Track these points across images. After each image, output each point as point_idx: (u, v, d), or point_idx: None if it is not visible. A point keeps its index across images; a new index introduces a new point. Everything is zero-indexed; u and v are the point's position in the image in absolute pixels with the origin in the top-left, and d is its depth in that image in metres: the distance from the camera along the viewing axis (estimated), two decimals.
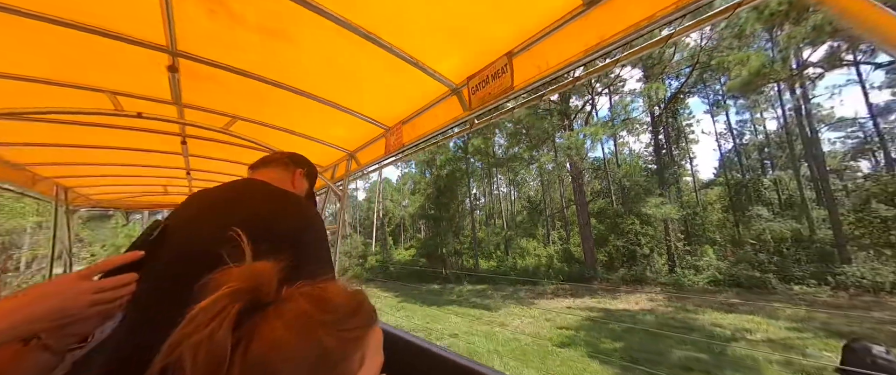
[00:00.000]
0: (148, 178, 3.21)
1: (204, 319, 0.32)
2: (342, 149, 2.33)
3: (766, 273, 12.03)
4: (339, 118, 1.96)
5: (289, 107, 1.87)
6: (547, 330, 8.42)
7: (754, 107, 23.50)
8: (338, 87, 1.72)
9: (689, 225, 19.03)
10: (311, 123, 2.03)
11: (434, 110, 1.61)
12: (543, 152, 18.09)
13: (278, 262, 0.39)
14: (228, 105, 1.76)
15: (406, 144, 1.67)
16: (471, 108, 1.31)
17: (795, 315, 8.58)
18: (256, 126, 1.94)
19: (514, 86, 1.12)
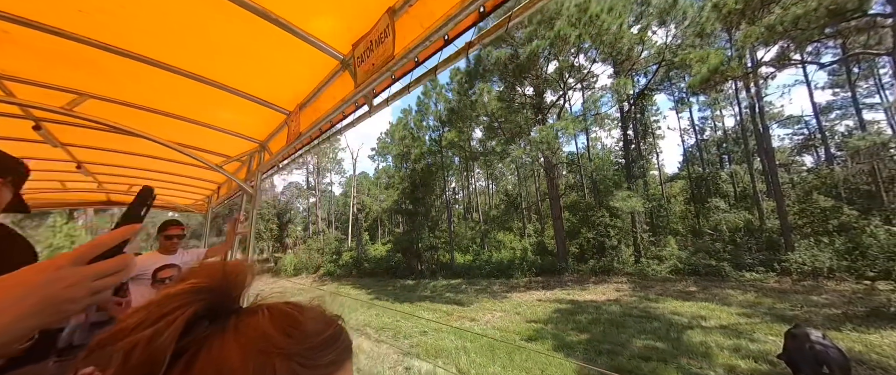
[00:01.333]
0: (37, 172, 2.69)
1: (152, 316, 0.27)
2: (249, 138, 1.99)
3: (722, 261, 12.76)
4: (233, 102, 1.63)
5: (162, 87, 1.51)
6: (516, 324, 8.41)
7: (714, 104, 24.81)
8: (221, 66, 1.40)
9: (655, 217, 19.93)
10: (198, 108, 1.68)
11: (330, 89, 1.34)
12: (518, 146, 18.15)
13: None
14: (63, 77, 1.38)
15: (303, 132, 1.37)
16: (358, 84, 1.05)
17: (746, 301, 9.10)
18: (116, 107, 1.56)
19: (395, 53, 0.86)
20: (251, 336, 0.29)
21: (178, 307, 0.28)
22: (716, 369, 5.20)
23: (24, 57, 1.28)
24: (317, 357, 0.31)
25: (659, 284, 12.24)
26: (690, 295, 10.37)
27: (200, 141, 2.02)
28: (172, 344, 0.26)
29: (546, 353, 6.29)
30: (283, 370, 0.28)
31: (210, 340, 0.28)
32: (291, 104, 1.51)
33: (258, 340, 0.29)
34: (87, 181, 3.17)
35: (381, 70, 0.92)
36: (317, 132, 1.42)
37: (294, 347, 0.29)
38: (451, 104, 22.04)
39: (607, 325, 7.69)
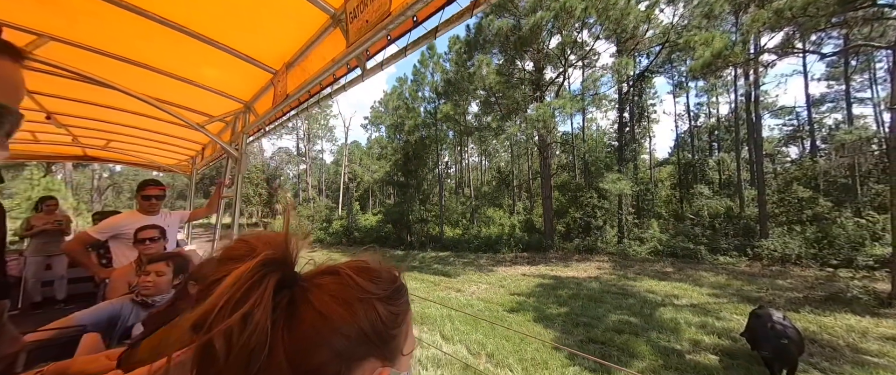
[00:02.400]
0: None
1: (234, 296, 0.27)
2: (234, 98, 1.86)
3: (699, 245, 13.33)
4: (215, 57, 1.50)
5: (135, 34, 1.37)
6: (500, 296, 8.76)
7: (711, 90, 24.69)
8: (200, 15, 1.26)
9: (641, 200, 20.41)
10: (177, 61, 1.54)
11: (319, 47, 1.23)
12: (514, 123, 17.91)
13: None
14: (21, 15, 1.23)
15: (290, 93, 1.28)
16: (350, 42, 0.95)
17: (717, 283, 9.63)
18: (83, 52, 1.42)
19: (392, 9, 0.78)
20: (346, 289, 0.33)
21: (258, 282, 0.29)
22: (682, 342, 5.59)
23: None
24: (398, 299, 0.38)
25: (638, 264, 12.79)
26: (666, 275, 10.90)
27: (180, 97, 1.89)
28: (268, 318, 0.28)
29: (518, 331, 6.61)
30: (382, 310, 0.34)
31: (302, 302, 0.31)
32: (278, 62, 1.39)
33: (355, 290, 0.34)
34: (60, 133, 2.98)
35: (375, 28, 0.83)
36: (305, 95, 1.32)
37: (382, 292, 0.36)
38: (448, 75, 21.32)
39: (586, 300, 8.08)
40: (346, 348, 0.31)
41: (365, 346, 0.32)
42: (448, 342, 5.75)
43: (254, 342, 0.27)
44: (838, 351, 5.23)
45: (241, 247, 0.32)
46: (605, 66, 19.67)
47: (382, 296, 0.35)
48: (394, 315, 0.36)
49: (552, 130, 17.75)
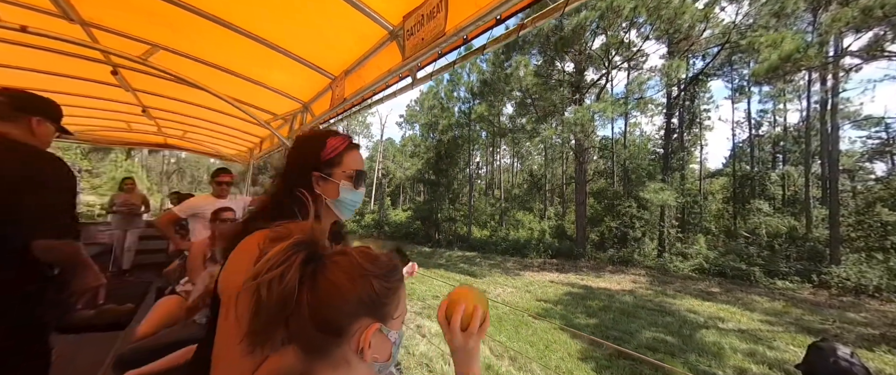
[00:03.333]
0: (102, 112, 3.00)
1: (275, 261, 0.42)
2: (295, 98, 2.10)
3: (753, 266, 12.11)
4: (283, 63, 1.72)
5: (222, 44, 1.61)
6: (526, 301, 8.65)
7: (779, 96, 22.20)
8: (275, 27, 1.48)
9: (687, 213, 18.92)
10: (252, 66, 1.78)
11: (376, 58, 1.37)
12: (549, 126, 17.44)
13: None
14: (143, 29, 1.51)
15: (347, 98, 1.44)
16: (405, 57, 1.08)
17: (772, 309, 8.72)
18: (183, 59, 1.69)
19: (446, 30, 0.88)
20: (351, 266, 0.46)
21: (292, 255, 0.43)
22: (725, 369, 5.16)
23: (107, 6, 1.41)
24: (391, 277, 0.49)
25: (679, 281, 11.92)
26: (711, 295, 10.06)
27: (251, 97, 2.16)
28: (296, 279, 0.42)
29: (554, 325, 6.48)
30: (377, 285, 0.46)
31: (321, 272, 0.44)
32: (337, 69, 1.56)
33: (357, 268, 0.46)
34: (149, 124, 3.50)
35: (430, 45, 0.94)
36: (359, 99, 1.48)
37: (378, 271, 0.47)
38: (484, 76, 21.26)
39: (618, 313, 7.72)
40: (347, 307, 0.44)
41: (362, 308, 0.45)
42: None
43: (286, 292, 0.41)
44: None
45: (283, 231, 0.46)
46: (653, 68, 18.48)
47: (378, 274, 0.47)
48: (387, 289, 0.48)
49: (590, 134, 17.04)
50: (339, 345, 0.44)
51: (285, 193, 0.76)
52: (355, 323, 0.45)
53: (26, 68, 1.95)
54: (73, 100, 2.62)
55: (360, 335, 0.45)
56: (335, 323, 0.43)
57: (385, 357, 0.48)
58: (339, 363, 0.45)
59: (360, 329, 0.45)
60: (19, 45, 1.58)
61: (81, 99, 2.56)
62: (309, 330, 0.42)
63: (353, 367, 0.46)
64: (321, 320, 0.42)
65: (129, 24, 1.50)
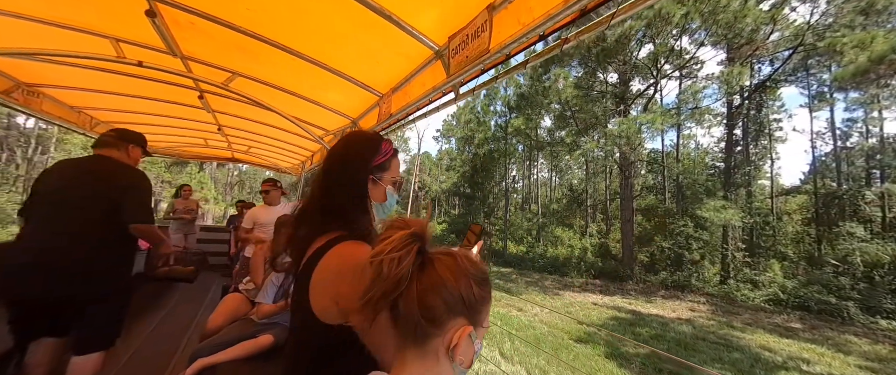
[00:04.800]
0: (187, 130, 3.49)
1: (396, 245, 0.47)
2: (345, 115, 2.28)
3: (846, 299, 10.27)
4: (337, 83, 1.90)
5: (287, 69, 1.83)
6: (566, 323, 8.15)
7: (871, 103, 19.14)
8: (332, 51, 1.65)
9: (756, 234, 16.71)
10: (310, 86, 1.99)
11: (421, 76, 1.46)
12: (590, 139, 16.71)
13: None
14: (226, 59, 1.76)
15: (393, 113, 1.54)
16: (450, 74, 1.14)
17: (873, 353, 7.28)
18: (256, 84, 1.94)
19: (490, 48, 0.93)
20: (455, 265, 0.50)
21: (410, 243, 0.48)
22: None
23: (202, 42, 1.68)
24: (485, 285, 0.52)
25: (749, 312, 10.47)
26: (792, 331, 8.67)
27: (307, 114, 2.41)
28: (411, 264, 0.47)
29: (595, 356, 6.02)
30: (475, 288, 0.50)
31: (430, 265, 0.49)
32: (385, 87, 1.69)
33: (461, 267, 0.50)
34: (221, 141, 4.00)
35: (474, 62, 0.99)
36: (404, 115, 1.59)
37: (478, 276, 0.51)
38: (521, 89, 21.16)
39: (673, 344, 6.96)
40: (450, 301, 0.47)
41: (461, 306, 0.48)
42: (507, 360, 5.59)
43: (401, 274, 0.46)
44: None
45: (401, 222, 0.52)
46: (710, 76, 17.03)
47: (477, 279, 0.50)
48: (481, 295, 0.51)
49: (637, 147, 15.99)
50: (434, 337, 0.48)
51: (342, 196, 0.77)
52: (452, 320, 0.48)
53: (138, 96, 2.37)
54: (167, 122, 3.11)
55: (454, 332, 0.48)
56: (436, 313, 0.47)
57: (468, 362, 0.50)
58: (428, 353, 0.48)
59: (455, 328, 0.48)
60: (134, 76, 1.94)
61: (173, 120, 3.03)
62: (413, 313, 0.46)
63: (440, 362, 0.48)
64: (425, 306, 0.46)
65: (215, 55, 1.77)
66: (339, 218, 0.75)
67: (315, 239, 0.73)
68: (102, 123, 3.06)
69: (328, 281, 0.66)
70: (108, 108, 2.73)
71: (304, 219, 0.79)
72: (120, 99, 2.49)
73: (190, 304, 3.11)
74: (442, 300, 0.47)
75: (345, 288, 0.61)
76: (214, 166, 31.85)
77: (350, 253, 0.68)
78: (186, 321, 2.69)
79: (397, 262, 0.46)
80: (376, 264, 0.47)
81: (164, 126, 3.21)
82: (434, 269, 0.48)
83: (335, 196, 0.77)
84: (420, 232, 0.50)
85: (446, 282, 0.47)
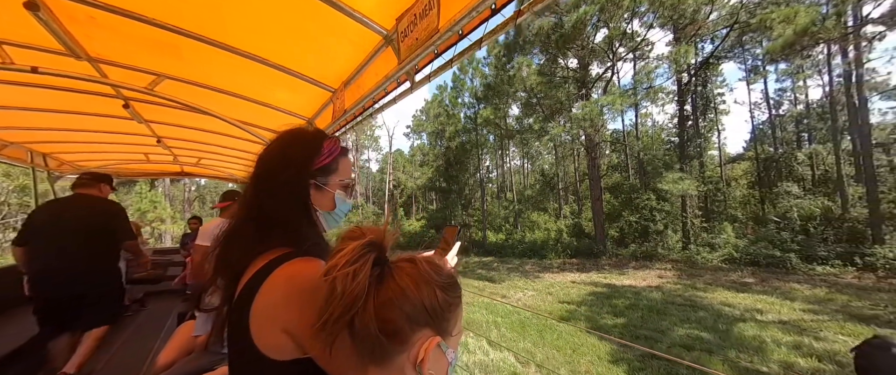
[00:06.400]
0: (119, 145, 3.12)
1: (350, 258, 0.42)
2: (297, 115, 2.11)
3: (788, 252, 11.45)
4: (283, 81, 1.73)
5: (222, 67, 1.64)
6: (548, 304, 8.42)
7: (797, 73, 21.29)
8: (272, 45, 1.49)
9: (710, 201, 18.18)
10: (253, 86, 1.80)
11: (373, 65, 1.35)
12: (557, 124, 17.22)
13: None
14: (145, 60, 1.54)
15: (347, 108, 1.42)
16: (401, 60, 1.04)
17: (814, 297, 8.19)
18: (187, 86, 1.72)
19: (440, 26, 0.85)
20: (417, 272, 0.45)
21: (365, 254, 0.43)
22: (769, 364, 4.83)
23: (114, 41, 1.44)
24: (453, 291, 0.48)
25: (709, 273, 11.39)
26: (746, 286, 9.54)
27: (257, 118, 2.20)
28: (367, 277, 0.42)
29: (578, 332, 6.25)
30: (440, 295, 0.45)
31: (389, 275, 0.44)
32: (336, 82, 1.56)
33: (424, 275, 0.45)
34: (165, 154, 3.61)
35: (425, 44, 0.91)
36: (360, 109, 1.47)
37: (443, 281, 0.46)
38: (487, 79, 21.30)
39: (646, 311, 7.40)
40: (411, 313, 0.43)
41: (424, 317, 0.44)
42: (495, 348, 5.66)
43: (357, 290, 0.41)
44: None
45: (356, 232, 0.47)
46: (660, 57, 18.07)
47: (441, 284, 0.46)
48: (448, 302, 0.46)
49: (600, 129, 16.70)
50: (399, 353, 0.44)
51: (279, 207, 0.65)
52: (417, 332, 0.44)
53: (41, 109, 2.04)
54: (90, 137, 2.73)
55: (420, 345, 0.44)
56: (397, 327, 0.43)
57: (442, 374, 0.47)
58: (393, 372, 0.44)
59: (421, 340, 0.44)
60: (32, 86, 1.64)
61: (99, 134, 2.66)
62: (371, 331, 0.42)
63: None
64: (385, 321, 0.42)
65: (134, 57, 1.54)
66: (280, 233, 0.63)
67: (252, 261, 0.61)
68: (11, 144, 2.62)
69: (275, 310, 0.54)
70: (12, 127, 2.34)
71: (236, 238, 0.65)
72: (24, 115, 2.14)
73: (143, 336, 2.82)
74: (402, 312, 0.42)
75: (297, 315, 0.52)
76: (168, 183, 29.36)
77: (299, 272, 0.57)
78: (141, 354, 2.43)
79: (352, 276, 0.41)
80: (329, 281, 0.42)
81: (89, 142, 2.83)
82: (393, 280, 0.44)
83: (271, 207, 0.65)
84: (377, 241, 0.45)
85: (407, 293, 0.43)
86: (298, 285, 0.55)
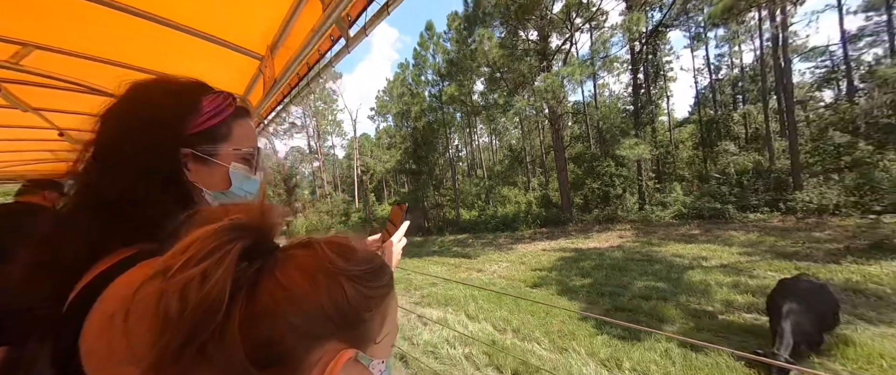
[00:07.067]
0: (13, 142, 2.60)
1: (198, 254, 0.26)
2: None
3: (726, 204, 12.79)
4: (198, 48, 1.45)
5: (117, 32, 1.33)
6: (521, 273, 8.78)
7: (733, 38, 22.97)
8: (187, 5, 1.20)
9: (662, 163, 19.66)
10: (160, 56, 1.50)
11: (299, 20, 1.15)
12: (522, 97, 17.37)
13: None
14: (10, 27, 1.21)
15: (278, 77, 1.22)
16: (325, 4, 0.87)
17: (747, 241, 9.27)
18: (70, 59, 1.39)
19: None
20: (314, 262, 0.31)
21: (224, 243, 0.27)
22: (713, 304, 5.44)
23: None
24: (374, 281, 0.35)
25: (662, 229, 12.46)
26: (693, 237, 10.57)
27: None
28: (228, 280, 0.26)
29: (550, 296, 6.60)
30: (350, 289, 0.32)
31: (267, 273, 0.30)
32: (262, 46, 1.32)
33: (323, 265, 0.31)
34: (74, 149, 3.08)
35: None
36: (294, 77, 1.26)
37: (355, 270, 0.33)
38: (449, 55, 20.75)
39: (609, 270, 7.97)
40: (303, 324, 0.28)
41: (326, 325, 0.30)
42: (473, 320, 5.83)
43: (208, 302, 0.25)
44: (885, 299, 4.96)
45: (218, 213, 0.31)
46: (614, 26, 18.55)
47: (353, 275, 0.33)
48: (365, 297, 0.33)
49: (562, 101, 17.10)
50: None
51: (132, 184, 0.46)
52: (315, 349, 0.29)
53: None
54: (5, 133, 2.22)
55: (322, 368, 0.29)
56: (282, 349, 0.27)
57: None
58: None
59: (323, 359, 0.29)
60: None
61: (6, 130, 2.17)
62: (237, 363, 0.26)
63: None
64: (260, 344, 0.27)
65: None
66: (129, 225, 0.45)
67: (88, 268, 0.42)
68: None
69: (112, 342, 0.34)
70: None
71: (67, 233, 0.45)
72: None
73: None
74: (288, 325, 0.28)
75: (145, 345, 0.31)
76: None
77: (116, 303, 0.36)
78: None
79: (199, 282, 0.25)
80: (159, 292, 0.26)
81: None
82: (273, 279, 0.29)
83: (113, 187, 0.46)
84: (248, 223, 0.30)
85: (294, 295, 0.29)
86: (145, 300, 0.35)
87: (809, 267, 6.59)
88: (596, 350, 4.33)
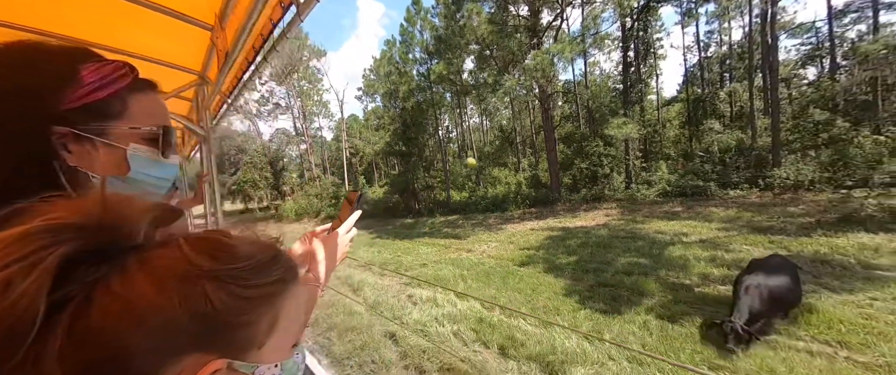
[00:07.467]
0: None
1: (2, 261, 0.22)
2: (184, 68, 1.68)
3: (708, 181, 13.14)
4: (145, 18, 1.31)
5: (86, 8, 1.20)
6: (510, 252, 8.95)
7: (723, 14, 22.77)
8: None
9: (648, 142, 19.89)
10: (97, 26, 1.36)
11: None
12: (512, 76, 17.05)
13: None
14: None
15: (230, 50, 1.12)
16: None
17: (726, 217, 9.61)
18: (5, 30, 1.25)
19: None
20: (166, 264, 0.26)
21: (36, 250, 0.22)
22: (691, 277, 5.68)
23: None
24: (254, 279, 0.29)
25: (647, 207, 12.78)
26: (675, 214, 10.90)
27: None
28: (41, 295, 0.21)
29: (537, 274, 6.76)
30: (218, 292, 0.26)
31: (103, 282, 0.24)
32: (210, 14, 1.20)
33: (178, 267, 0.26)
34: None
35: None
36: (250, 51, 1.16)
37: (224, 269, 0.28)
38: (437, 31, 20.01)
39: (595, 247, 8.20)
40: (146, 341, 0.23)
41: (179, 337, 0.25)
42: (462, 299, 5.97)
43: (11, 321, 0.20)
44: (849, 269, 5.26)
45: (38, 210, 0.24)
46: (605, 0, 18.09)
47: (221, 275, 0.27)
48: (241, 299, 0.28)
49: (552, 80, 16.88)
50: None
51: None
52: (168, 367, 0.24)
53: None
54: None
55: None
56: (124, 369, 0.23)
57: None
58: None
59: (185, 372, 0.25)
60: None
61: None
62: None
63: None
64: (88, 370, 0.22)
65: None
66: None
67: None
68: None
69: None
70: None
71: None
72: None
73: None
74: (124, 345, 0.22)
75: None
76: None
77: None
78: None
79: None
80: None
81: None
82: (109, 290, 0.23)
83: None
84: (74, 223, 0.24)
85: (133, 304, 0.23)
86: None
87: (783, 240, 6.91)
88: (579, 323, 4.51)
